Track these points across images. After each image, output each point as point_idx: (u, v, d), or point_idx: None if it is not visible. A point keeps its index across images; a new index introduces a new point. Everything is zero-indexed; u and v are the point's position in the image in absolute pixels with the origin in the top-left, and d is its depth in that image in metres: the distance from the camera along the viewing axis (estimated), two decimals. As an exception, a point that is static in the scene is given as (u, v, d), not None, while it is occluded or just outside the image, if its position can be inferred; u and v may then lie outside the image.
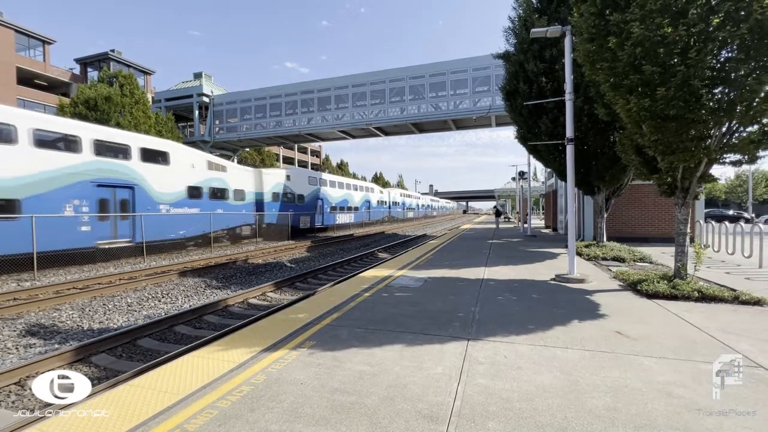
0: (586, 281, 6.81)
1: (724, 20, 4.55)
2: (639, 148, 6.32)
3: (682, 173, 5.79)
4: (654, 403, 2.61)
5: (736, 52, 4.71)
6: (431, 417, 2.44)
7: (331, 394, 2.74)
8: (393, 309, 5.09)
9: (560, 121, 10.63)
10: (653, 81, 4.99)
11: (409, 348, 3.67)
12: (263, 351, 3.57)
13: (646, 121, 5.30)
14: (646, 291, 5.74)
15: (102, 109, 24.02)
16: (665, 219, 13.84)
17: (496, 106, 22.94)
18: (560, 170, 12.05)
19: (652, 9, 4.74)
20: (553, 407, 2.56)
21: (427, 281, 7.01)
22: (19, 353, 5.18)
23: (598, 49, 5.69)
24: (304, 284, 9.58)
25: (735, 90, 4.81)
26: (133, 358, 5.05)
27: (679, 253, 6.09)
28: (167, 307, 7.61)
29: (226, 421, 2.41)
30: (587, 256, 10.05)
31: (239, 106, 31.25)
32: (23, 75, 31.31)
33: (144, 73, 38.26)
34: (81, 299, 7.84)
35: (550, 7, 11.13)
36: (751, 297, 5.28)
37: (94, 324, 6.47)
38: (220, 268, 11.65)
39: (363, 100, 27.30)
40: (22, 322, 6.36)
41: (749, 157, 5.32)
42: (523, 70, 11.55)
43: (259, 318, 5.94)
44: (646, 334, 4.04)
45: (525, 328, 4.22)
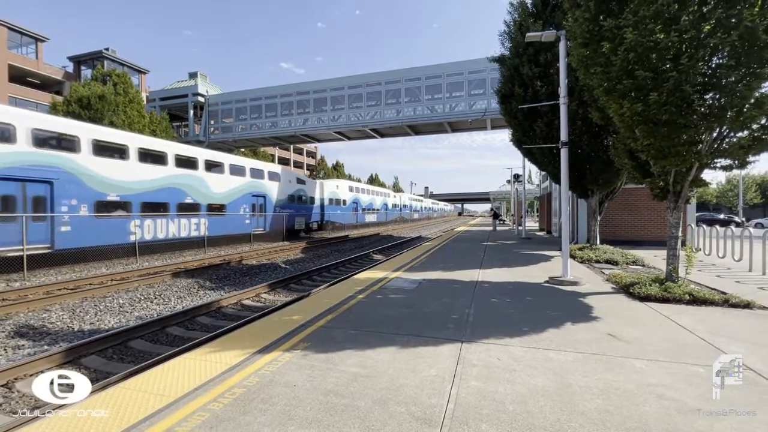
0: (580, 284, 6.86)
1: (716, 27, 4.62)
2: (632, 152, 6.39)
3: (674, 177, 5.87)
4: (646, 405, 2.63)
5: (727, 58, 4.79)
6: (424, 419, 2.44)
7: (325, 396, 2.73)
8: (387, 311, 5.08)
9: (555, 124, 10.71)
10: (646, 86, 5.05)
11: (403, 350, 3.66)
12: (256, 353, 3.55)
13: (639, 125, 5.36)
14: (638, 294, 5.79)
15: (96, 107, 23.79)
16: (657, 222, 13.99)
17: (491, 109, 23.07)
18: (555, 173, 12.14)
19: (645, 15, 4.80)
20: (545, 409, 2.56)
21: (422, 283, 7.01)
22: (8, 354, 5.10)
23: (592, 54, 5.75)
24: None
25: (726, 96, 4.88)
26: (125, 360, 4.99)
27: (670, 257, 6.15)
28: (160, 308, 7.54)
29: (218, 424, 2.38)
30: (581, 259, 10.12)
31: (235, 106, 31.14)
32: (16, 73, 30.92)
33: (138, 72, 37.96)
34: (72, 300, 7.74)
35: (545, 12, 11.23)
36: (741, 300, 5.35)
37: (85, 325, 6.39)
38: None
39: (359, 102, 27.34)
40: (10, 323, 6.26)
41: (739, 161, 5.40)
42: (519, 73, 11.63)
43: (254, 319, 5.90)
44: (638, 336, 4.07)
45: (519, 331, 4.23)
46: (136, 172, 13.75)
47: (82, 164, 12.05)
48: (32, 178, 10.80)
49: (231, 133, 31.38)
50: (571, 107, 9.06)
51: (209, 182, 16.98)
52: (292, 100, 29.03)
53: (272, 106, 29.77)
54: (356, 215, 34.15)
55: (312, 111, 28.42)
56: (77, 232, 11.73)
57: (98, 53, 34.96)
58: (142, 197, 13.93)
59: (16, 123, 10.58)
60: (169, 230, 15.10)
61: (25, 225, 10.28)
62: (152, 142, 15.21)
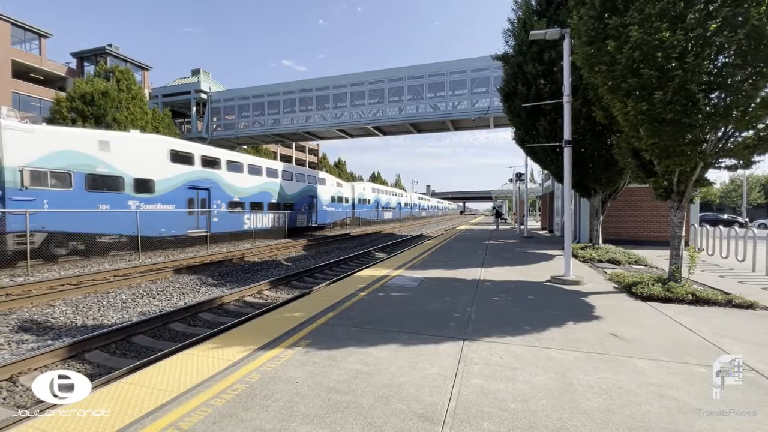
0: (582, 283, 6.84)
1: (722, 25, 4.58)
2: (636, 151, 6.35)
3: (677, 177, 5.83)
4: (647, 404, 2.62)
5: (733, 57, 4.75)
6: (426, 417, 2.44)
7: (327, 393, 2.74)
8: (389, 309, 5.09)
9: (558, 123, 10.69)
10: (651, 85, 5.02)
11: (405, 348, 3.67)
12: (258, 349, 3.56)
13: (643, 124, 5.33)
14: (640, 293, 5.78)
15: (99, 104, 23.83)
16: (660, 222, 13.94)
17: (494, 107, 23.00)
18: (557, 172, 12.10)
19: (650, 13, 4.77)
20: (547, 408, 2.57)
21: (424, 281, 7.02)
22: (12, 349, 5.13)
23: (597, 52, 5.72)
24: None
25: (731, 95, 4.84)
26: (128, 356, 5.02)
27: (673, 257, 6.13)
28: (162, 304, 7.57)
29: (221, 420, 2.40)
30: (583, 258, 10.09)
31: (237, 104, 31.11)
32: (19, 69, 31.02)
33: (141, 69, 38.03)
34: (75, 295, 7.78)
35: (549, 10, 11.17)
36: (744, 300, 5.33)
37: (88, 320, 6.43)
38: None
39: (361, 100, 27.28)
40: (14, 318, 6.30)
41: (744, 161, 5.36)
42: (522, 72, 11.57)
43: (256, 316, 5.92)
44: (640, 336, 4.06)
45: (520, 329, 4.23)
46: (247, 181, 19.63)
47: (222, 177, 17.93)
48: (201, 187, 16.68)
49: (233, 130, 31.38)
50: (575, 106, 9.03)
51: (285, 187, 22.73)
52: (295, 97, 28.98)
53: (275, 104, 29.75)
54: (377, 212, 40.54)
55: (314, 108, 28.39)
56: (220, 222, 17.67)
57: (101, 49, 35.04)
58: (250, 198, 19.77)
59: (194, 152, 16.58)
60: (263, 221, 20.57)
61: (203, 215, 16.74)
62: (254, 160, 21.19)
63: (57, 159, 11.51)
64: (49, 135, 11.58)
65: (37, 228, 10.77)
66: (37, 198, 10.93)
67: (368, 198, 37.91)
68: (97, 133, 13.21)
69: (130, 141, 13.92)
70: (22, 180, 10.67)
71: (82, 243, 12.22)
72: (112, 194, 12.94)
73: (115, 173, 13.05)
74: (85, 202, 12.06)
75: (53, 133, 11.80)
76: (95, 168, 12.48)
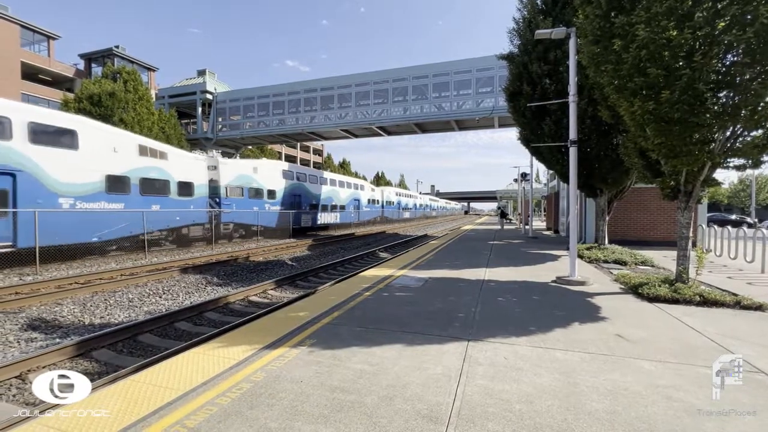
0: (587, 284, 6.80)
1: (730, 24, 4.52)
2: (642, 151, 6.30)
3: (685, 177, 5.77)
4: (654, 406, 2.60)
5: (742, 56, 4.69)
6: (430, 417, 2.44)
7: (331, 393, 2.75)
8: (393, 309, 5.09)
9: (563, 123, 10.60)
10: (658, 84, 4.97)
11: (409, 348, 3.67)
12: (263, 349, 3.58)
13: (650, 124, 5.28)
14: (647, 294, 5.73)
15: (106, 104, 24.07)
16: (667, 222, 13.80)
17: (499, 107, 22.91)
18: (563, 172, 12.02)
19: (657, 12, 4.72)
20: (552, 409, 2.55)
21: (428, 281, 7.01)
22: (21, 347, 5.20)
23: (603, 52, 5.67)
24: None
25: (740, 94, 4.79)
26: (134, 354, 5.07)
27: (681, 257, 6.07)
28: (168, 303, 7.63)
29: (226, 418, 2.41)
30: (588, 259, 10.03)
31: (242, 104, 31.29)
32: (27, 70, 31.44)
33: (147, 70, 38.35)
34: (82, 294, 7.86)
35: (554, 9, 11.09)
36: (752, 302, 5.26)
37: (96, 319, 6.50)
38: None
39: (366, 100, 27.31)
40: (24, 316, 6.39)
41: (753, 161, 5.30)
42: (527, 71, 11.51)
43: (261, 315, 5.95)
44: (647, 337, 4.03)
45: (525, 330, 4.21)
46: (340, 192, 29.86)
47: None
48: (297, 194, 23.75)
49: (239, 130, 31.55)
50: (581, 105, 8.97)
51: (340, 193, 29.80)
52: (300, 97, 29.08)
53: (280, 104, 29.86)
54: (399, 212, 47.19)
55: (319, 109, 28.46)
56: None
57: (108, 51, 35.38)
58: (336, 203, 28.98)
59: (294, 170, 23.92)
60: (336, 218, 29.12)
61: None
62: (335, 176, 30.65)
63: (238, 179, 18.90)
64: (233, 164, 19.71)
65: (232, 221, 18.38)
66: (232, 203, 18.21)
67: (393, 200, 44.84)
68: (252, 161, 21.58)
69: (266, 165, 21.81)
70: (226, 192, 18.01)
71: (244, 230, 19.48)
72: (258, 200, 19.98)
73: (260, 187, 20.26)
74: (247, 205, 19.21)
75: (235, 163, 20.30)
76: (251, 184, 19.72)
